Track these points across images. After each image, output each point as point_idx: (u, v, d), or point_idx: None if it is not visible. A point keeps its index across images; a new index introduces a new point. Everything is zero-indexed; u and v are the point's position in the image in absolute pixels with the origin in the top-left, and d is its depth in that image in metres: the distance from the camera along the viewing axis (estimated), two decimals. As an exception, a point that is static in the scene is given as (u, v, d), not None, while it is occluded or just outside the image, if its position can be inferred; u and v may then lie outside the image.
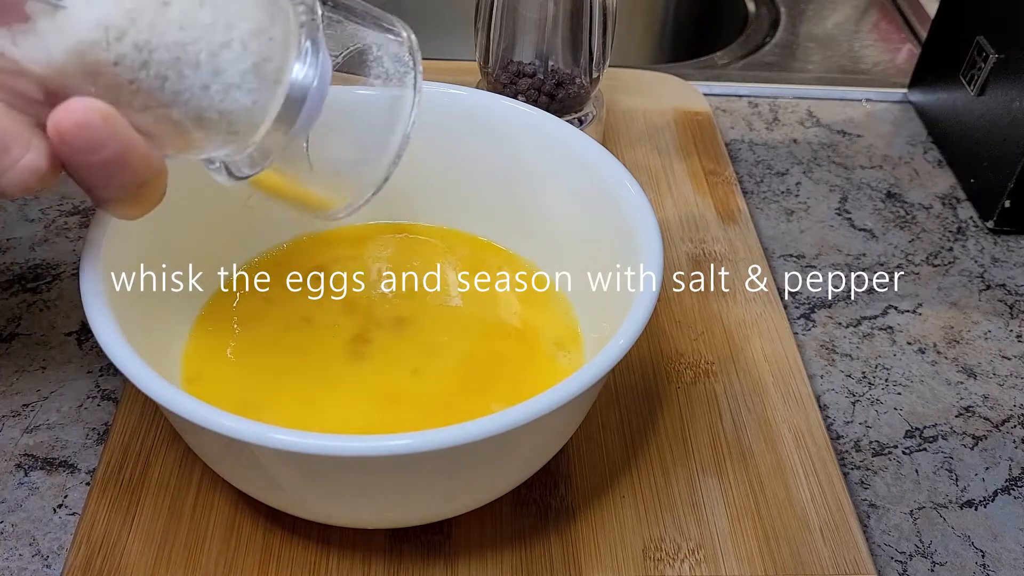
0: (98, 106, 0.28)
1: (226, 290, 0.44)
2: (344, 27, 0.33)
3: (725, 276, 0.52)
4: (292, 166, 0.34)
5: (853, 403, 0.47)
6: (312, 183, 0.35)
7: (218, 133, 0.30)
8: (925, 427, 0.46)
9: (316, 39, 0.31)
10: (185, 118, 0.30)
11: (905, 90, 0.68)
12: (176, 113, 0.29)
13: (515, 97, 0.52)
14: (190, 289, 0.43)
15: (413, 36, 0.35)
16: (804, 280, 0.54)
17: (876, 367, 0.49)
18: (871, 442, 0.46)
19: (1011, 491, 0.44)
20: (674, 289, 0.51)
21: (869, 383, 0.48)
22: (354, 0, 0.34)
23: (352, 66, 0.34)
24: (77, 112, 0.28)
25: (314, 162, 0.34)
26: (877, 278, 0.54)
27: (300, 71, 0.31)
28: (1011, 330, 0.52)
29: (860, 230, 0.57)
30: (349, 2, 0.34)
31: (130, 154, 0.29)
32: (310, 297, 0.44)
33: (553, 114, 0.44)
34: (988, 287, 0.54)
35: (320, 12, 0.31)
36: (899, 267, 0.55)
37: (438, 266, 0.46)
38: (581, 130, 0.44)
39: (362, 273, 0.46)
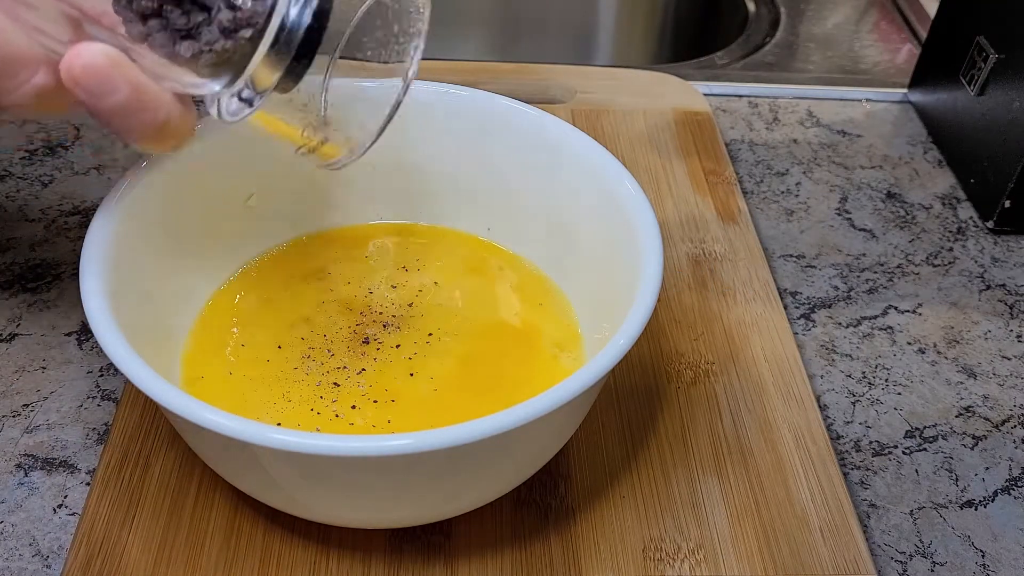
0: (106, 50, 0.30)
1: (226, 290, 0.44)
2: None
3: (725, 276, 0.52)
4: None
5: (853, 403, 0.47)
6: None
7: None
8: (925, 427, 0.46)
9: None
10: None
11: (905, 90, 0.68)
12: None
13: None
14: (190, 289, 0.43)
15: None
16: (804, 280, 0.54)
17: (876, 367, 0.49)
18: (871, 442, 0.46)
19: (1011, 491, 0.44)
20: (674, 289, 0.51)
21: (869, 383, 0.48)
22: None
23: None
24: (85, 56, 0.30)
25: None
26: (877, 278, 0.54)
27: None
28: (1011, 330, 0.52)
29: (860, 230, 0.57)
30: None
31: (143, 96, 0.31)
32: (310, 297, 0.44)
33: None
34: (988, 287, 0.54)
35: None
36: (899, 267, 0.55)
37: (438, 266, 0.46)
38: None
39: (362, 273, 0.46)
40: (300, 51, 0.31)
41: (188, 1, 0.30)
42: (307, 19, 0.31)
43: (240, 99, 0.32)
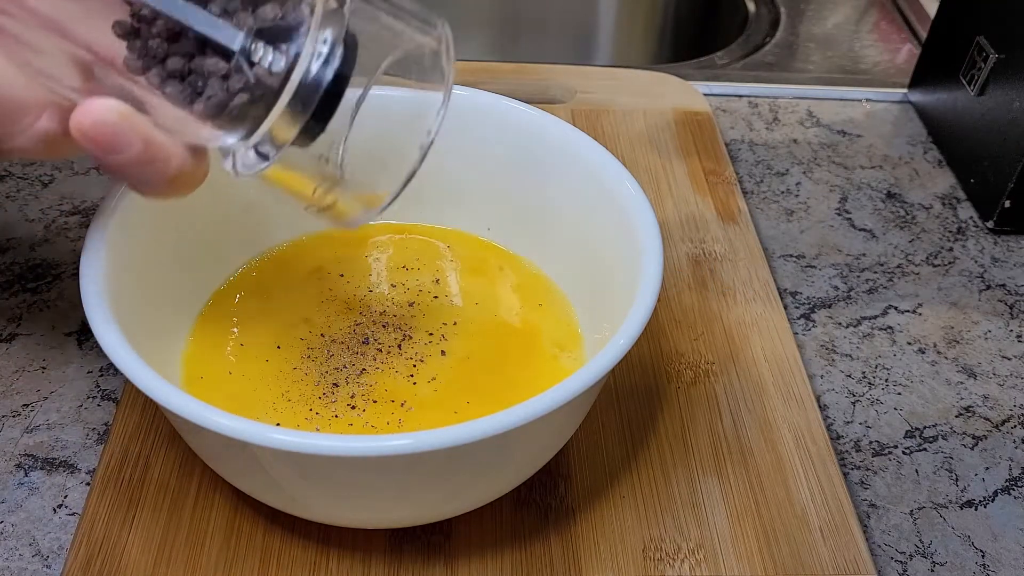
0: (116, 106, 0.29)
1: (226, 290, 0.44)
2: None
3: (725, 276, 0.52)
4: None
5: (853, 403, 0.47)
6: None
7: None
8: (925, 427, 0.46)
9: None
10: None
11: (905, 90, 0.68)
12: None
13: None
14: (190, 289, 0.43)
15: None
16: (804, 280, 0.54)
17: (876, 367, 0.49)
18: (871, 442, 0.46)
19: (1011, 491, 0.44)
20: (674, 289, 0.51)
21: (869, 383, 0.48)
22: None
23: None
24: (95, 112, 0.29)
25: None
26: (877, 278, 0.54)
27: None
28: (1011, 330, 0.52)
29: (860, 230, 0.57)
30: None
31: (154, 150, 0.30)
32: (310, 297, 0.44)
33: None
34: (988, 287, 0.54)
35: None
36: (899, 267, 0.55)
37: (438, 266, 0.46)
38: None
39: (362, 273, 0.46)
40: (320, 108, 0.30)
41: (207, 51, 0.30)
42: (329, 76, 0.30)
43: (256, 152, 0.32)
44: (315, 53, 0.30)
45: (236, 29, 0.30)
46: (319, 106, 0.30)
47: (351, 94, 0.31)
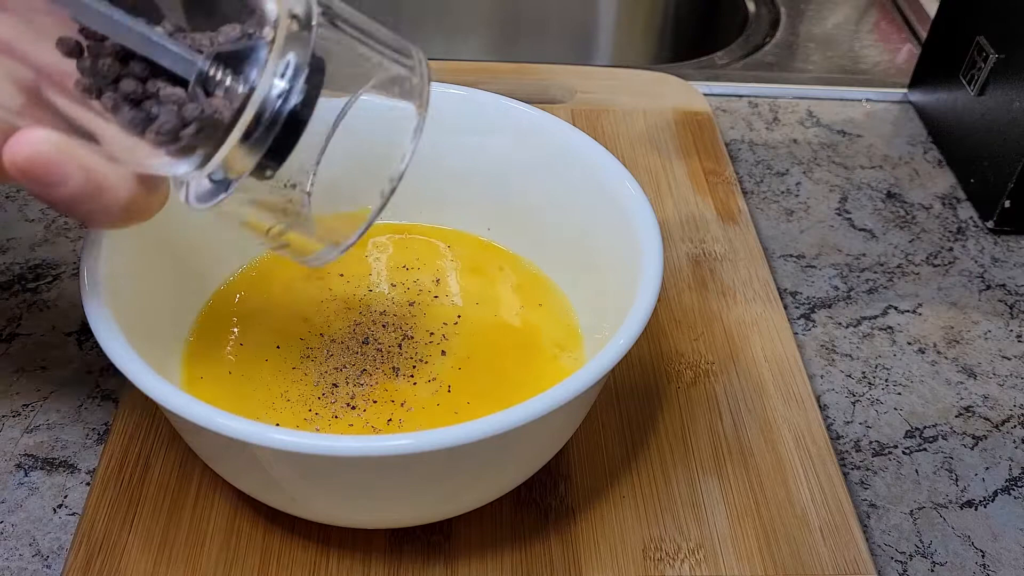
0: (51, 137, 0.27)
1: (226, 290, 0.44)
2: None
3: (725, 276, 0.52)
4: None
5: (853, 403, 0.47)
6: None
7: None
8: (925, 427, 0.46)
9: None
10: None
11: (905, 90, 0.68)
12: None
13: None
14: (190, 289, 0.43)
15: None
16: (804, 280, 0.54)
17: (876, 367, 0.49)
18: (871, 442, 0.46)
19: (1011, 491, 0.44)
20: (674, 289, 0.51)
21: (869, 383, 0.48)
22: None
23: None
24: (29, 144, 0.26)
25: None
26: (877, 278, 0.54)
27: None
28: (1011, 330, 0.52)
29: (860, 230, 0.57)
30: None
31: (98, 183, 0.28)
32: (310, 297, 0.44)
33: None
34: (988, 287, 0.54)
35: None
36: (899, 267, 0.55)
37: (438, 266, 0.46)
38: None
39: (362, 272, 0.46)
40: (280, 138, 0.28)
41: (160, 74, 0.27)
42: (290, 105, 0.28)
43: (212, 182, 0.29)
44: (275, 79, 0.27)
45: (192, 53, 0.28)
46: (280, 136, 0.28)
47: (321, 125, 0.29)
